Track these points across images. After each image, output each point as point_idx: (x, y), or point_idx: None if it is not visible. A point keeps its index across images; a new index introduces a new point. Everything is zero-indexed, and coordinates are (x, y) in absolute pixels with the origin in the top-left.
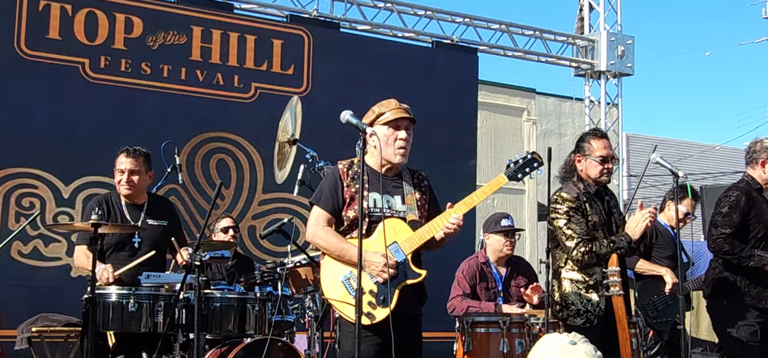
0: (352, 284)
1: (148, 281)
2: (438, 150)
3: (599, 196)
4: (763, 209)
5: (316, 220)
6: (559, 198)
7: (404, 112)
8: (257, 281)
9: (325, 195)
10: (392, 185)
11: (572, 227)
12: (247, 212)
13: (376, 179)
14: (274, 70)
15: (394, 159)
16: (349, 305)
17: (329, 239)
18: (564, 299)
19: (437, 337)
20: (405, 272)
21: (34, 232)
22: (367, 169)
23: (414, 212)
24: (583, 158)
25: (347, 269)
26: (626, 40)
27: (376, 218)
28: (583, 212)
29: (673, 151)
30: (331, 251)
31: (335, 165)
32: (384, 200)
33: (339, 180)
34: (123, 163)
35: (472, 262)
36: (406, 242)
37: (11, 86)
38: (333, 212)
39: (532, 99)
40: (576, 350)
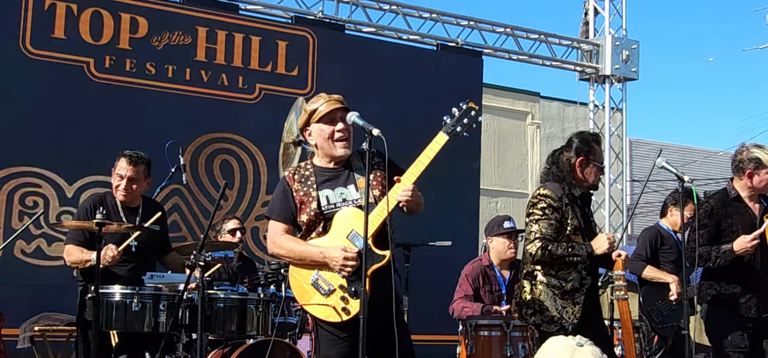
0: (321, 284)
1: (152, 281)
2: (441, 152)
3: (582, 199)
4: (741, 217)
5: (273, 230)
6: (542, 194)
7: (336, 102)
8: (261, 282)
9: (277, 206)
10: (341, 178)
11: (540, 224)
12: (250, 213)
13: (324, 175)
14: (279, 72)
15: (336, 153)
16: (323, 306)
17: (288, 245)
18: (538, 304)
19: (441, 340)
20: (371, 258)
21: (37, 231)
22: (314, 169)
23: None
24: (586, 162)
25: (313, 271)
26: (631, 45)
27: (330, 215)
28: (563, 213)
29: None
30: (293, 256)
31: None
32: (337, 195)
33: (287, 187)
34: (124, 169)
35: (476, 265)
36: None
37: (16, 85)
38: (287, 220)
39: (536, 103)
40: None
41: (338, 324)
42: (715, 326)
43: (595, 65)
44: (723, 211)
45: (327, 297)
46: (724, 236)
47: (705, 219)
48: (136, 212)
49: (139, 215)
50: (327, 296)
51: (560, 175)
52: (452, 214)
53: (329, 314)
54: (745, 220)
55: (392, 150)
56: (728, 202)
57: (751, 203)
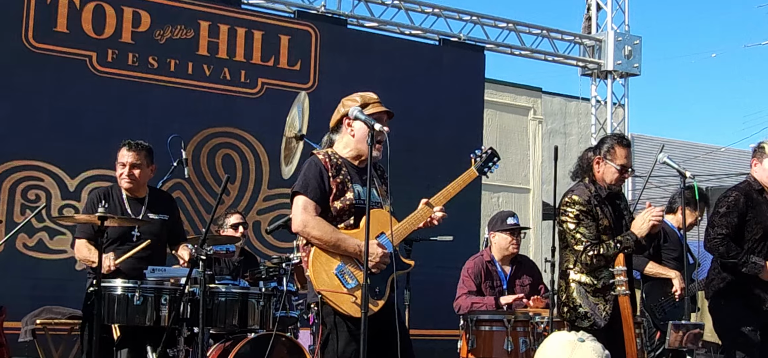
0: (345, 277)
1: (154, 275)
2: (443, 147)
3: (610, 199)
4: (762, 210)
5: (305, 209)
6: (570, 200)
7: (384, 107)
8: (262, 276)
9: (312, 184)
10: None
11: (581, 230)
12: (252, 207)
13: (353, 170)
14: (281, 66)
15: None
16: (345, 297)
17: (323, 228)
18: (571, 301)
19: (442, 334)
20: (396, 263)
21: (39, 224)
22: (343, 161)
23: (387, 205)
24: (603, 161)
25: (339, 261)
26: (633, 40)
27: (360, 209)
28: (594, 215)
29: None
30: (325, 241)
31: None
32: (364, 192)
33: (324, 170)
34: (124, 157)
35: (478, 260)
36: (394, 233)
37: (18, 79)
38: (320, 200)
39: (538, 98)
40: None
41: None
42: (725, 319)
43: (598, 61)
44: (749, 203)
45: (353, 291)
46: (747, 227)
47: (733, 208)
48: (143, 202)
49: (145, 205)
50: (353, 290)
51: (581, 171)
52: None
53: (350, 307)
54: (766, 214)
55: (393, 145)
56: (752, 194)
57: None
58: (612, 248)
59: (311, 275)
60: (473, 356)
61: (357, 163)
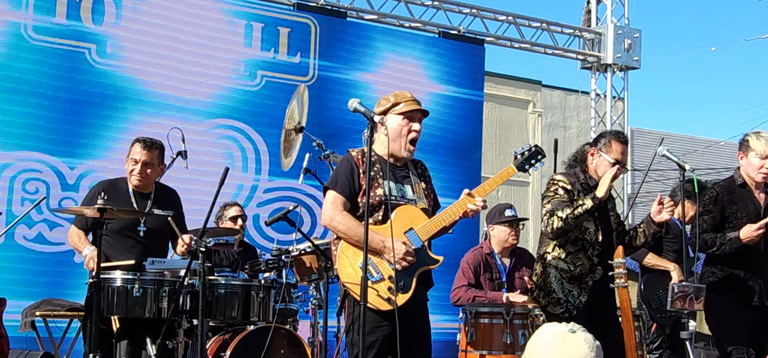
0: (370, 270)
1: (153, 266)
2: (443, 141)
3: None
4: (746, 205)
5: (333, 204)
6: (555, 179)
7: (419, 105)
8: (262, 268)
9: (341, 180)
10: (401, 175)
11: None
12: (251, 199)
13: (387, 167)
14: (281, 58)
15: (401, 152)
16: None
17: (349, 223)
18: (546, 286)
19: (441, 326)
20: (422, 259)
21: (39, 216)
22: (378, 158)
23: (423, 201)
24: (597, 154)
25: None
26: (633, 34)
27: (392, 205)
28: (573, 197)
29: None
30: (351, 236)
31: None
32: (397, 189)
33: (355, 166)
34: (139, 154)
35: (477, 253)
36: (423, 229)
37: (18, 70)
38: (349, 196)
39: (538, 91)
40: (575, 338)
41: (381, 312)
42: (716, 313)
43: (597, 54)
44: (728, 198)
45: (375, 284)
46: (729, 222)
47: (710, 205)
48: (148, 198)
49: (151, 200)
50: (375, 283)
51: (573, 163)
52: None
53: (374, 300)
54: (750, 208)
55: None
56: (734, 189)
57: (757, 192)
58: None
59: (338, 268)
60: (472, 348)
61: (392, 161)
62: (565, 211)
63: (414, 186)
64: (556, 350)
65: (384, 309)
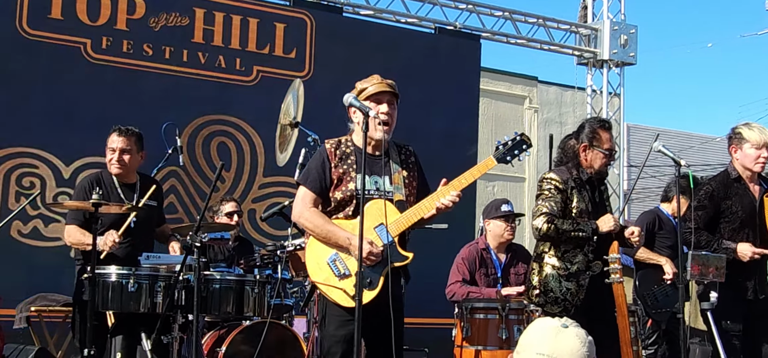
0: (337, 265)
1: (148, 261)
2: (439, 136)
3: (591, 184)
4: (740, 199)
5: (303, 200)
6: (547, 178)
7: (387, 86)
8: (257, 263)
9: (312, 175)
10: (378, 165)
11: (546, 203)
12: (247, 195)
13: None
14: (277, 54)
15: (375, 135)
16: (334, 288)
17: (315, 220)
18: (543, 285)
19: (436, 323)
20: (391, 255)
21: (34, 212)
22: (354, 149)
23: (401, 191)
24: (590, 149)
25: (333, 250)
26: (629, 30)
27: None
28: (567, 197)
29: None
30: (318, 232)
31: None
32: (372, 182)
33: (327, 160)
34: (114, 142)
35: (472, 248)
36: (394, 224)
37: (13, 66)
38: (320, 192)
39: (534, 87)
40: (567, 333)
41: (349, 308)
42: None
43: (594, 50)
44: (723, 193)
45: (340, 280)
46: (724, 217)
47: (705, 200)
48: (134, 189)
49: (136, 192)
50: (340, 279)
51: (565, 159)
52: None
53: (339, 298)
54: (745, 201)
55: None
56: (729, 183)
57: (751, 185)
58: (567, 226)
59: (306, 262)
60: (468, 343)
61: (370, 150)
62: (565, 225)
63: (393, 176)
64: (547, 344)
65: (350, 306)
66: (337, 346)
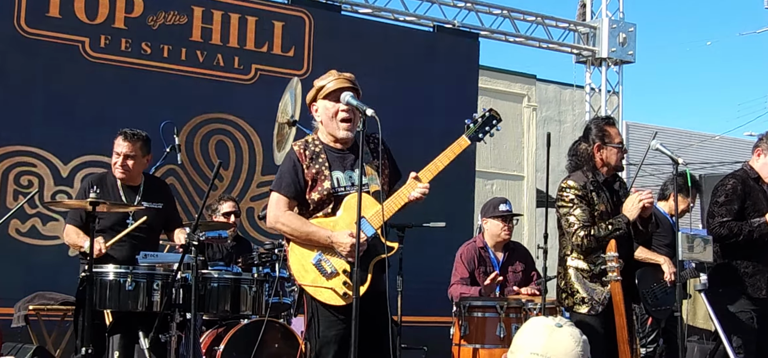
0: (323, 266)
1: (146, 260)
2: (437, 135)
3: (608, 185)
4: (759, 198)
5: (277, 205)
6: (566, 186)
7: (345, 81)
8: (255, 262)
9: (285, 180)
10: (349, 160)
11: (575, 213)
12: (245, 193)
13: (334, 155)
14: (275, 52)
15: (338, 134)
16: (324, 289)
17: (292, 223)
18: (569, 287)
19: (434, 321)
20: (376, 248)
21: (32, 210)
22: (323, 147)
23: (375, 182)
24: (603, 147)
25: (316, 251)
26: (628, 28)
27: (340, 196)
28: (589, 200)
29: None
30: (297, 235)
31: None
32: (346, 177)
33: (297, 163)
34: (120, 146)
35: (470, 247)
36: (374, 216)
37: (11, 64)
38: (295, 195)
39: (532, 85)
40: (561, 333)
41: (338, 307)
42: (723, 305)
43: (592, 48)
44: (747, 190)
45: (328, 279)
46: (746, 213)
47: (732, 194)
48: (137, 191)
49: (139, 193)
50: (328, 279)
51: (580, 164)
52: (447, 195)
53: (329, 297)
54: (762, 202)
55: (387, 132)
56: (749, 182)
57: None
58: (603, 230)
59: (291, 269)
60: (466, 342)
61: (339, 147)
62: (601, 231)
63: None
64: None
65: (340, 304)
66: (328, 347)
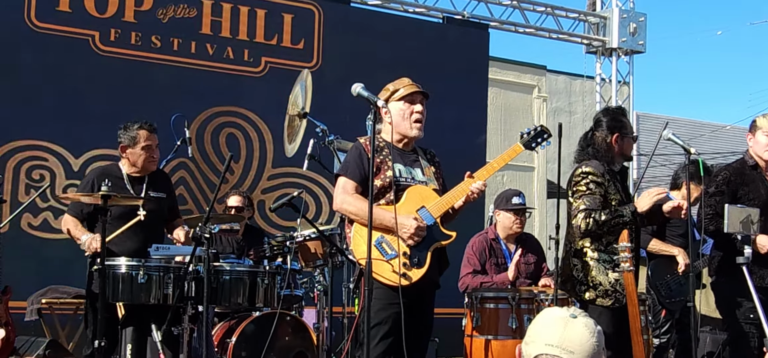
0: (384, 247)
1: (158, 253)
2: (448, 126)
3: (622, 174)
4: (757, 186)
5: (343, 188)
6: (585, 172)
7: (418, 87)
8: (266, 254)
9: (351, 166)
10: (410, 158)
11: (584, 199)
12: (256, 186)
13: (396, 151)
14: (285, 45)
15: (410, 133)
16: (384, 263)
17: (359, 204)
18: (590, 279)
19: (446, 312)
20: (435, 235)
21: (44, 204)
22: (386, 143)
23: (433, 183)
24: (621, 137)
25: (378, 233)
26: (638, 17)
27: (403, 186)
28: (605, 189)
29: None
30: (362, 216)
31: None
32: (407, 171)
33: (363, 152)
34: (150, 139)
35: (482, 238)
36: (434, 206)
37: (22, 59)
38: (360, 180)
39: (542, 76)
40: (576, 324)
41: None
42: (727, 295)
43: (602, 38)
44: (740, 180)
45: (390, 261)
46: (740, 203)
47: (723, 186)
48: (142, 182)
49: (145, 183)
50: (390, 260)
51: (598, 154)
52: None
53: (388, 274)
54: (761, 189)
55: None
56: (746, 171)
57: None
58: (606, 215)
59: (353, 248)
60: (478, 333)
61: (401, 146)
62: (603, 216)
63: (424, 169)
64: (557, 336)
65: (397, 284)
66: (380, 327)
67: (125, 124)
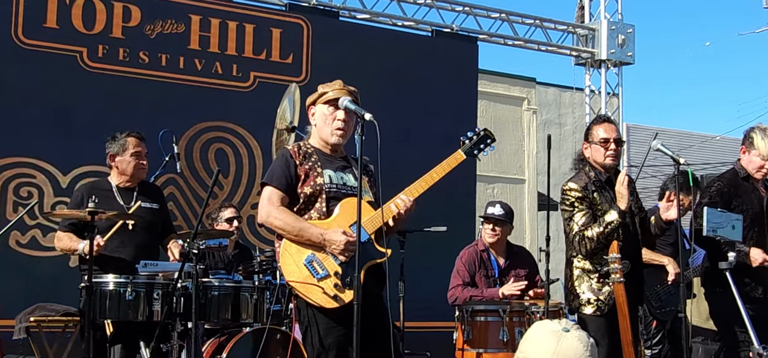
0: (315, 267)
1: (146, 269)
2: (437, 139)
3: (610, 183)
4: (749, 197)
5: (269, 199)
6: (567, 188)
7: (348, 93)
8: (256, 269)
9: (277, 174)
10: (340, 164)
11: (575, 218)
12: (246, 201)
13: (324, 157)
14: (273, 59)
15: (330, 139)
16: (314, 287)
17: (286, 218)
18: (575, 288)
19: (437, 326)
20: (369, 252)
21: (32, 221)
22: (315, 149)
23: (368, 193)
24: (588, 145)
25: (308, 251)
26: (627, 29)
27: (332, 194)
28: (591, 201)
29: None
30: (289, 231)
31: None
32: (338, 177)
33: (290, 159)
34: (139, 146)
35: (471, 250)
36: (368, 221)
37: (8, 75)
38: (286, 189)
39: (532, 88)
40: (569, 337)
41: (335, 314)
42: (721, 305)
43: (591, 50)
44: (733, 191)
45: (320, 281)
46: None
47: (716, 197)
48: (133, 192)
49: (135, 193)
50: (320, 281)
51: (578, 165)
52: (448, 199)
53: (319, 297)
54: (754, 200)
55: (386, 137)
56: (738, 181)
57: (759, 185)
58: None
59: (281, 267)
60: (469, 346)
61: (328, 152)
62: (594, 230)
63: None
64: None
65: (330, 307)
66: (326, 354)
67: (113, 134)
